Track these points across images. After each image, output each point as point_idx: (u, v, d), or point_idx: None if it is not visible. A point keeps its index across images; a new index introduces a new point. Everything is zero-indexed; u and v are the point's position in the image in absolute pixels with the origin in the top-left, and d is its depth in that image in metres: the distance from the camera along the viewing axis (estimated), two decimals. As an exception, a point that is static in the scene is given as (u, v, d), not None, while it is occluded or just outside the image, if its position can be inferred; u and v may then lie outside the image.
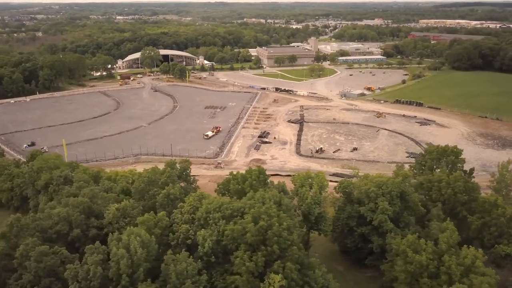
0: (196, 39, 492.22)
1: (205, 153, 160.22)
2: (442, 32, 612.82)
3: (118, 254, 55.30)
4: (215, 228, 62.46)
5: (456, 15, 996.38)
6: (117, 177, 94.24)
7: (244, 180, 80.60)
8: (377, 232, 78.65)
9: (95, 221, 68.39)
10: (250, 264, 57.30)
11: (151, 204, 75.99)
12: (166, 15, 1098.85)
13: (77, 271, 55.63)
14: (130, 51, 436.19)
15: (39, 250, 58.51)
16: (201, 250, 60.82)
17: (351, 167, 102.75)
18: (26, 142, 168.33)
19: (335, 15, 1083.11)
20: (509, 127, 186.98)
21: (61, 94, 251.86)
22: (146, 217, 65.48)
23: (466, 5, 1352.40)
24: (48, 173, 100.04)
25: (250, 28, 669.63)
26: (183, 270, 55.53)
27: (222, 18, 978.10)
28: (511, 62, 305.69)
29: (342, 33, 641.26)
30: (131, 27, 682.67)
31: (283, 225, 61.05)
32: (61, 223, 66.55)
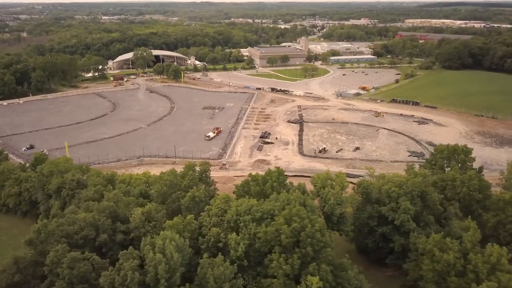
0: (186, 39, 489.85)
1: (208, 154, 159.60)
2: (428, 32, 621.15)
3: (156, 259, 54.70)
4: (246, 231, 62.17)
5: (440, 15, 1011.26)
6: (132, 180, 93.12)
7: (264, 182, 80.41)
8: (398, 231, 79.32)
9: (121, 226, 67.47)
10: (286, 267, 57.28)
11: (175, 207, 75.35)
12: (152, 15, 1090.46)
13: (113, 278, 54.79)
14: (119, 52, 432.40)
15: (72, 256, 57.51)
16: (234, 253, 60.48)
17: (367, 167, 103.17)
18: (25, 145, 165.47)
19: (322, 15, 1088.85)
20: (505, 125, 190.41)
21: (54, 96, 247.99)
22: (175, 220, 64.92)
23: (449, 5, 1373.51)
24: (59, 177, 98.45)
25: (238, 28, 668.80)
26: (220, 274, 55.26)
27: (209, 18, 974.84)
28: (500, 61, 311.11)
29: (330, 32, 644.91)
30: (118, 27, 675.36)
31: (315, 226, 61.15)
32: (88, 228, 65.52)
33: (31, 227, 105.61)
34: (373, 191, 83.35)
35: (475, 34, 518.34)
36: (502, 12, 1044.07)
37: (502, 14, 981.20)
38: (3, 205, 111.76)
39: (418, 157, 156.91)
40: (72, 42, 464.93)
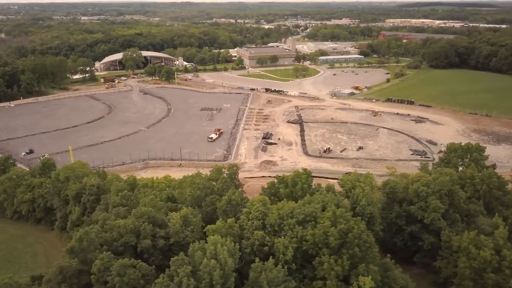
0: (172, 40, 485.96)
1: (213, 156, 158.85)
2: (410, 31, 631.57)
3: (210, 265, 54.28)
4: (292, 234, 62.29)
5: (419, 15, 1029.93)
6: (155, 184, 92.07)
7: (294, 184, 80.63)
8: (426, 230, 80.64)
9: (161, 231, 66.63)
10: (337, 268, 57.65)
11: (210, 211, 74.84)
12: (133, 15, 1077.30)
13: (167, 285, 54.04)
14: (105, 53, 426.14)
15: (121, 264, 56.55)
16: (282, 257, 60.48)
17: (388, 167, 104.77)
18: (24, 150, 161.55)
19: (304, 15, 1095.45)
20: (499, 123, 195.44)
21: (46, 99, 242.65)
22: (218, 224, 64.58)
23: (426, 5, 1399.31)
24: (77, 183, 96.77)
25: (222, 29, 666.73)
26: (274, 278, 55.24)
27: (191, 18, 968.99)
28: (485, 60, 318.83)
29: (315, 32, 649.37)
30: (100, 28, 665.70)
31: (360, 227, 61.74)
32: (129, 235, 64.53)
33: (45, 233, 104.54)
34: (399, 191, 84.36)
35: (455, 34, 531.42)
36: (479, 12, 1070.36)
37: (478, 14, 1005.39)
38: (14, 212, 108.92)
39: (420, 155, 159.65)
40: (55, 44, 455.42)
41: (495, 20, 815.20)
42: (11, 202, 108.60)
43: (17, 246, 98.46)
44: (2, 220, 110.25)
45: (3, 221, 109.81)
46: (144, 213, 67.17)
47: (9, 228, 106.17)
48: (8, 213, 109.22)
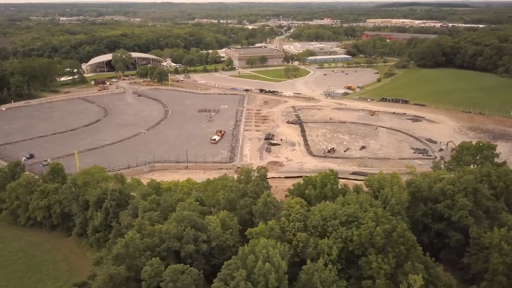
0: (158, 41, 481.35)
1: (219, 158, 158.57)
2: (393, 31, 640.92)
3: (265, 268, 54.45)
4: (336, 235, 62.98)
5: (398, 15, 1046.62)
6: (179, 188, 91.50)
7: (323, 185, 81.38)
8: (452, 227, 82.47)
9: (203, 235, 66.37)
10: (386, 266, 58.59)
11: (245, 213, 74.86)
12: (113, 15, 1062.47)
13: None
14: (89, 54, 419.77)
15: (173, 269, 56.18)
16: (327, 258, 61.12)
17: (408, 166, 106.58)
18: (24, 155, 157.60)
19: (285, 15, 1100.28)
20: (493, 121, 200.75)
21: (38, 102, 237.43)
22: (260, 227, 64.74)
23: (404, 5, 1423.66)
24: (97, 188, 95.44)
25: (206, 29, 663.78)
26: (327, 278, 55.82)
27: (173, 19, 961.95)
28: (471, 60, 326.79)
29: (299, 33, 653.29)
30: (82, 28, 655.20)
31: (403, 226, 62.88)
32: (172, 240, 64.06)
33: (61, 240, 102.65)
34: (424, 190, 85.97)
35: (436, 33, 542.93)
36: (455, 12, 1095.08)
37: (455, 14, 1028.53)
38: (28, 219, 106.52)
39: (422, 153, 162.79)
40: (37, 45, 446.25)
41: (472, 20, 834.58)
42: (24, 209, 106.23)
43: (35, 253, 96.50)
44: (15, 228, 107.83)
45: (16, 228, 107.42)
46: (185, 217, 66.77)
47: (23, 235, 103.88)
48: (21, 220, 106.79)
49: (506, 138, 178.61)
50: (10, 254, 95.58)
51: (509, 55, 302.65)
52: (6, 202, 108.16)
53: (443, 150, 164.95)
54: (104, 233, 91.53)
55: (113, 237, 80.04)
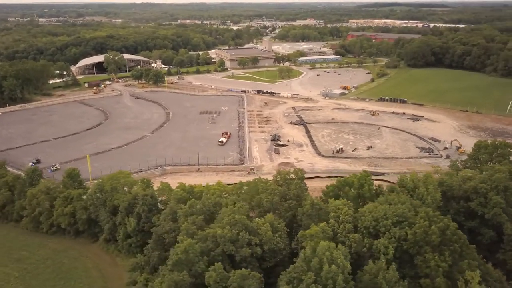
0: (146, 42, 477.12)
1: (229, 160, 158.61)
2: (377, 31, 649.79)
3: (332, 270, 55.09)
4: (388, 235, 64.07)
5: (380, 15, 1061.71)
6: (211, 191, 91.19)
7: (360, 186, 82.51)
8: (485, 225, 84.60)
9: (255, 239, 66.57)
10: (443, 264, 59.96)
11: (289, 216, 75.30)
12: (93, 16, 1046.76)
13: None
14: (76, 56, 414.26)
15: (240, 274, 56.28)
16: (383, 258, 62.12)
17: (433, 166, 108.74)
18: (30, 160, 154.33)
19: (268, 15, 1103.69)
20: (491, 119, 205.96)
21: (34, 106, 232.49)
22: (314, 229, 65.32)
23: (384, 5, 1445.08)
24: (126, 193, 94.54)
25: (191, 30, 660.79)
26: (391, 278, 56.81)
27: (156, 20, 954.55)
28: (460, 59, 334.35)
29: (285, 33, 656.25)
30: (64, 30, 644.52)
31: (454, 225, 64.39)
32: (227, 244, 64.06)
33: (87, 246, 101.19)
34: (456, 188, 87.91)
35: (419, 33, 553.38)
36: (435, 12, 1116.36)
37: (435, 14, 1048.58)
38: (51, 226, 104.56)
39: (428, 152, 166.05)
40: (21, 47, 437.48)
41: (452, 20, 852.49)
42: (47, 216, 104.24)
43: (63, 261, 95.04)
44: (37, 235, 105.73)
45: (39, 236, 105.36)
46: (237, 221, 66.83)
47: (47, 243, 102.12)
48: (44, 227, 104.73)
49: (505, 136, 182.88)
50: (38, 262, 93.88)
51: (497, 54, 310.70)
52: (27, 209, 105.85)
53: (447, 149, 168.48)
54: (136, 239, 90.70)
55: (153, 242, 79.40)
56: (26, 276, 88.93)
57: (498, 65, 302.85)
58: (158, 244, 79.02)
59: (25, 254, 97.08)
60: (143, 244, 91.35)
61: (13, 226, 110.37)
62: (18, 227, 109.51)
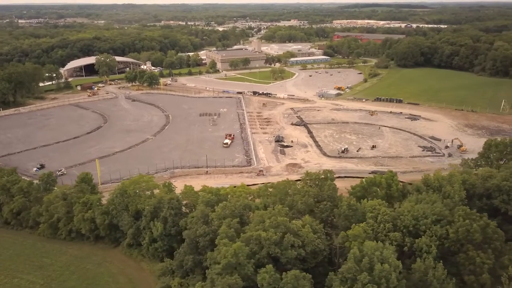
0: (133, 44, 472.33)
1: (235, 161, 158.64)
2: (362, 32, 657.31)
3: (385, 269, 56.01)
4: (429, 233, 65.39)
5: (362, 16, 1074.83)
6: (236, 193, 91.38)
7: (388, 186, 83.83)
8: (508, 221, 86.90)
9: (298, 240, 67.05)
10: (488, 261, 61.51)
11: (325, 217, 76.00)
12: (75, 18, 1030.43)
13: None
14: (62, 58, 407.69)
15: (293, 275, 56.73)
16: (427, 256, 63.36)
17: (451, 164, 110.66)
18: (33, 165, 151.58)
19: (252, 16, 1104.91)
20: (486, 118, 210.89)
21: (29, 109, 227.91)
22: (356, 229, 66.22)
23: (364, 6, 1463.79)
24: (151, 198, 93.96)
25: (177, 31, 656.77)
26: (440, 275, 58.07)
27: (139, 21, 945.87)
28: (448, 59, 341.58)
29: (272, 34, 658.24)
30: (46, 32, 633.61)
31: (493, 223, 66.12)
32: (272, 247, 64.40)
33: (109, 252, 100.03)
34: (479, 186, 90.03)
35: (403, 34, 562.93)
36: (415, 12, 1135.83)
37: (415, 14, 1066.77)
38: (70, 232, 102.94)
39: (431, 151, 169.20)
40: (5, 50, 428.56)
41: (433, 20, 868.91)
42: (65, 222, 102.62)
43: (87, 267, 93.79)
44: (55, 241, 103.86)
45: (57, 242, 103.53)
46: (279, 223, 67.23)
47: (67, 249, 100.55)
48: (62, 233, 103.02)
49: (502, 134, 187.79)
50: (61, 269, 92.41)
51: (484, 54, 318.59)
52: (44, 215, 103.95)
53: (448, 147, 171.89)
54: (163, 243, 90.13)
55: (186, 246, 79.10)
56: (51, 284, 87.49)
57: (486, 64, 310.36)
58: (192, 247, 78.76)
59: (47, 261, 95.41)
60: (169, 248, 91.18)
61: (29, 233, 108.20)
62: (34, 234, 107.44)
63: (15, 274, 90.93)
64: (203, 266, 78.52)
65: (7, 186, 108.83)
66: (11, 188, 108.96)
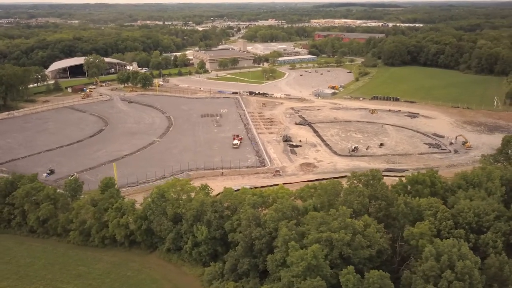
0: (116, 45, 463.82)
1: (248, 162, 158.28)
2: (342, 31, 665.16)
3: (467, 265, 57.20)
4: (493, 229, 67.06)
5: (338, 15, 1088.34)
6: (279, 194, 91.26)
7: (433, 184, 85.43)
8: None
9: (364, 241, 67.56)
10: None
11: (381, 216, 76.75)
12: (47, 18, 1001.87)
13: None
14: (43, 60, 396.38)
15: (379, 274, 57.20)
16: (492, 251, 64.99)
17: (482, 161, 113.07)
18: (43, 171, 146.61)
19: (229, 16, 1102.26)
20: (482, 114, 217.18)
21: (23, 113, 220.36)
22: (422, 227, 67.23)
23: (339, 6, 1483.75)
24: (192, 201, 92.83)
25: (156, 31, 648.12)
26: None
27: (114, 20, 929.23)
28: (434, 58, 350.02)
29: (253, 33, 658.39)
30: (20, 32, 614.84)
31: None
32: (345, 247, 64.75)
33: (145, 257, 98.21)
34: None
35: (383, 33, 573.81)
36: (389, 12, 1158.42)
37: (390, 14, 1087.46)
38: (103, 238, 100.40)
39: (437, 148, 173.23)
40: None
41: (408, 19, 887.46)
42: (97, 228, 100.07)
43: (127, 273, 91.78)
44: (87, 249, 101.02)
45: (89, 249, 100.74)
46: (348, 224, 67.56)
47: (101, 256, 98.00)
48: (95, 239, 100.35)
49: (500, 130, 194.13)
50: (101, 277, 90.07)
51: (469, 53, 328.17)
52: (74, 222, 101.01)
53: (453, 144, 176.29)
54: (207, 247, 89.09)
55: (241, 250, 78.43)
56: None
57: (471, 62, 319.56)
58: (247, 250, 78.24)
59: (84, 269, 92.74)
60: (213, 252, 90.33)
61: (57, 241, 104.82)
62: (63, 241, 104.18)
63: (54, 284, 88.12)
64: (259, 268, 78.24)
65: (32, 193, 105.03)
66: (36, 195, 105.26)
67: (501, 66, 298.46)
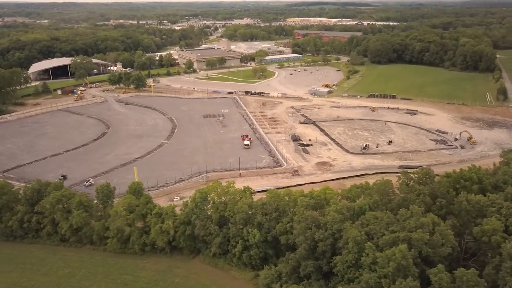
0: (96, 45, 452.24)
1: (263, 163, 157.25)
2: (320, 30, 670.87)
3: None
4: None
5: (312, 14, 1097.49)
6: (328, 196, 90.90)
7: (480, 180, 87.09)
8: None
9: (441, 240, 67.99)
10: None
11: (443, 214, 77.46)
12: (14, 17, 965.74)
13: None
14: (21, 61, 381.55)
15: (473, 272, 57.59)
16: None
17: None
18: (54, 177, 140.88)
19: (204, 15, 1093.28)
20: (478, 110, 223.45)
21: (17, 117, 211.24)
22: (492, 224, 68.24)
23: (311, 4, 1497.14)
24: (240, 204, 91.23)
25: (133, 31, 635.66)
26: None
27: (86, 20, 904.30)
28: (419, 55, 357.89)
29: (233, 32, 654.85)
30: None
31: None
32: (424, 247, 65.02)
33: (189, 263, 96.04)
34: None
35: (360, 31, 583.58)
36: (361, 10, 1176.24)
37: (363, 12, 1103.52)
38: (143, 245, 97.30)
39: (443, 144, 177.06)
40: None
41: (381, 18, 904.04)
42: (138, 235, 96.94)
43: (175, 280, 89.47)
44: (126, 256, 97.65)
45: (128, 257, 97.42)
46: (424, 223, 67.78)
47: (144, 264, 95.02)
48: (135, 247, 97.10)
49: (499, 125, 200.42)
50: (149, 285, 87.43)
51: (453, 50, 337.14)
52: (110, 230, 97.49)
53: (457, 140, 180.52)
54: (259, 250, 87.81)
55: (304, 252, 77.54)
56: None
57: (456, 60, 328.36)
58: (309, 253, 77.51)
59: (129, 278, 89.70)
60: (264, 255, 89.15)
61: (91, 249, 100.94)
62: (98, 250, 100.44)
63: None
64: (323, 270, 77.68)
65: (63, 200, 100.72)
66: (67, 203, 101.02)
67: (485, 63, 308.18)
